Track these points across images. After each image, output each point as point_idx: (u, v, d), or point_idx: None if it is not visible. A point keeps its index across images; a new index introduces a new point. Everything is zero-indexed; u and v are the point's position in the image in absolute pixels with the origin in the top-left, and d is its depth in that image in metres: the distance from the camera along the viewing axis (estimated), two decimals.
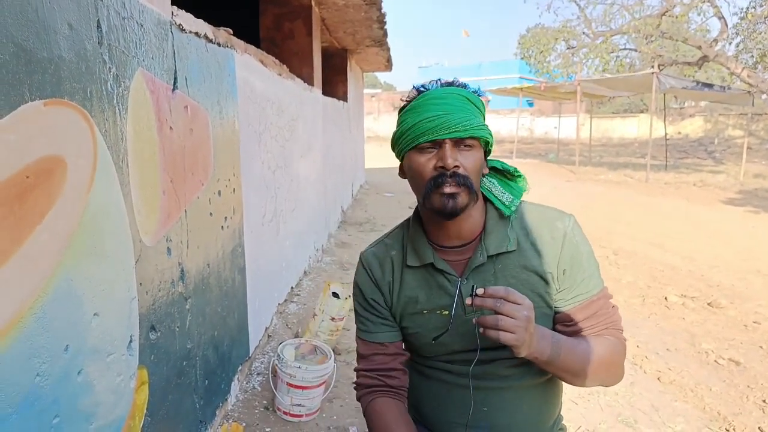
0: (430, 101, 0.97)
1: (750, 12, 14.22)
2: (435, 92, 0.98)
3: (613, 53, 18.42)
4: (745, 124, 15.80)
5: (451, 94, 0.97)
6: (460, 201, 0.95)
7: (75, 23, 1.08)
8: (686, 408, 2.41)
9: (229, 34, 2.28)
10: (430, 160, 0.97)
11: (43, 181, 0.98)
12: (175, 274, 1.66)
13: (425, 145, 0.96)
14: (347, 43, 6.88)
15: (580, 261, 1.03)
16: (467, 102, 0.98)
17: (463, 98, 0.98)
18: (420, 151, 0.98)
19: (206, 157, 1.96)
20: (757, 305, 3.75)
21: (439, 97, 0.97)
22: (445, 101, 0.96)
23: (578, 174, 13.08)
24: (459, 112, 0.95)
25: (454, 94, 0.97)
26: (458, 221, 1.01)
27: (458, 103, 0.97)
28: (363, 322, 1.14)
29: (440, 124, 0.94)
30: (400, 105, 1.05)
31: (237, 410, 2.29)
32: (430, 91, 1.00)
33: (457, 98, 0.97)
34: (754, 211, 7.74)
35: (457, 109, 0.96)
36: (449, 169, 0.94)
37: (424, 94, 0.99)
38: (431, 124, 0.94)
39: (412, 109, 1.00)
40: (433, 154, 0.97)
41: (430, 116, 0.95)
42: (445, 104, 0.96)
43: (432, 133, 0.94)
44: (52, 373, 1.01)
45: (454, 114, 0.95)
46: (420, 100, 0.99)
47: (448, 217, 0.98)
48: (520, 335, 0.86)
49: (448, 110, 0.95)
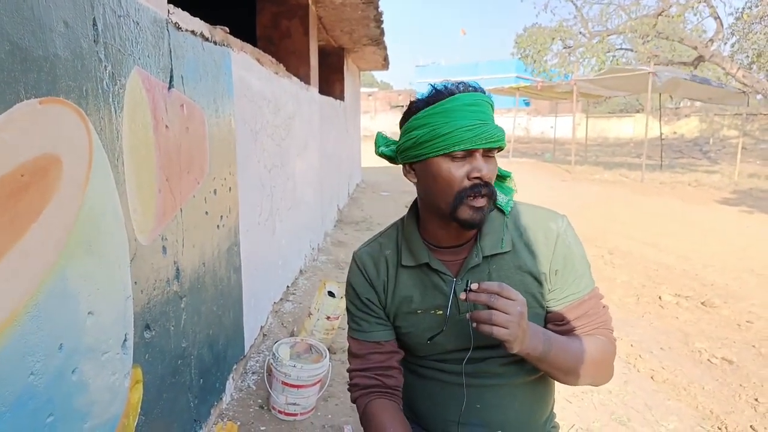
0: (465, 107, 0.94)
1: (746, 12, 14.29)
2: (465, 97, 0.95)
3: (610, 53, 18.49)
4: (740, 124, 15.88)
5: (482, 102, 0.96)
6: (486, 213, 0.97)
7: (71, 21, 1.08)
8: (679, 406, 2.42)
9: (226, 32, 2.28)
10: (461, 168, 0.94)
11: (39, 180, 0.98)
12: (171, 273, 1.66)
13: (459, 153, 0.94)
14: (344, 42, 6.87)
15: (572, 261, 1.04)
16: (491, 108, 0.98)
17: (489, 105, 0.97)
18: (451, 158, 0.94)
19: (202, 155, 1.96)
20: (751, 304, 3.77)
21: (473, 104, 0.94)
22: (479, 108, 0.95)
23: (574, 174, 13.11)
24: (492, 122, 0.95)
25: (485, 102, 0.96)
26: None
27: (488, 111, 0.96)
28: (357, 321, 1.14)
29: (481, 133, 0.92)
30: (397, 104, 1.04)
31: (232, 409, 2.29)
32: (461, 95, 0.95)
33: (487, 105, 0.97)
34: (749, 210, 7.78)
35: (489, 118, 0.96)
36: (485, 180, 0.94)
37: (456, 97, 0.95)
38: (471, 133, 0.92)
39: (443, 112, 0.94)
40: (464, 162, 0.95)
41: (469, 124, 0.92)
42: (479, 112, 0.94)
43: (471, 141, 0.92)
44: (47, 371, 1.01)
45: (491, 123, 0.94)
46: (451, 104, 0.94)
47: (470, 228, 0.99)
48: (512, 330, 0.86)
49: (483, 119, 0.94)
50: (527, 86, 16.51)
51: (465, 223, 0.97)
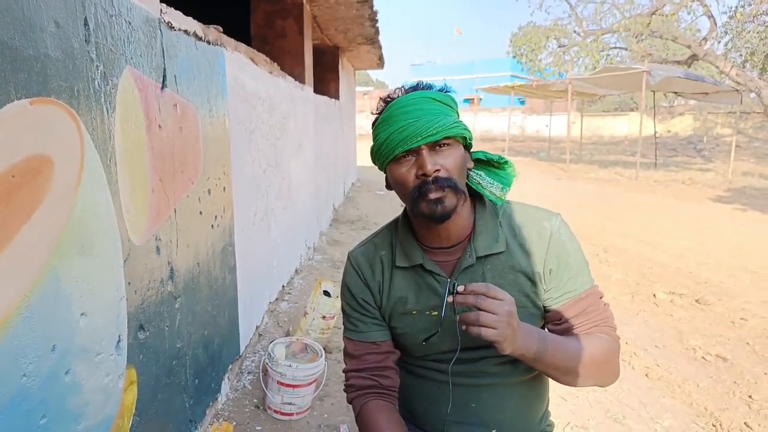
0: (399, 110, 0.96)
1: (739, 11, 14.35)
2: (401, 100, 0.98)
3: (604, 52, 18.54)
4: (733, 122, 15.96)
5: (417, 99, 0.97)
6: (447, 204, 0.95)
7: (62, 21, 1.07)
8: (674, 404, 2.43)
9: (219, 31, 2.27)
10: (410, 169, 0.96)
11: (30, 181, 0.98)
12: (165, 273, 1.65)
13: (402, 155, 0.96)
14: (339, 41, 6.86)
15: (566, 259, 1.03)
16: (435, 102, 0.97)
17: (430, 100, 0.97)
18: (399, 162, 0.98)
19: (196, 155, 1.95)
20: (745, 302, 3.79)
21: (406, 105, 0.96)
22: (414, 107, 0.96)
23: (569, 172, 13.15)
24: (428, 116, 0.95)
25: (419, 98, 0.97)
26: (447, 223, 1.01)
27: (427, 106, 0.96)
28: (353, 322, 1.13)
29: (412, 132, 0.93)
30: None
31: (227, 409, 2.28)
32: (398, 100, 0.99)
33: (425, 101, 0.96)
34: (742, 208, 7.82)
35: (427, 113, 0.95)
36: (430, 175, 0.94)
37: (391, 104, 0.99)
38: (403, 134, 0.94)
39: (383, 121, 0.99)
40: (412, 163, 0.96)
41: (401, 126, 0.94)
42: (413, 110, 0.95)
43: (405, 142, 0.94)
44: (40, 373, 1.01)
45: (424, 118, 0.94)
46: (389, 112, 0.98)
47: (439, 222, 0.98)
48: (501, 330, 0.85)
49: (417, 116, 0.95)
50: (522, 85, 16.54)
51: (429, 218, 0.97)
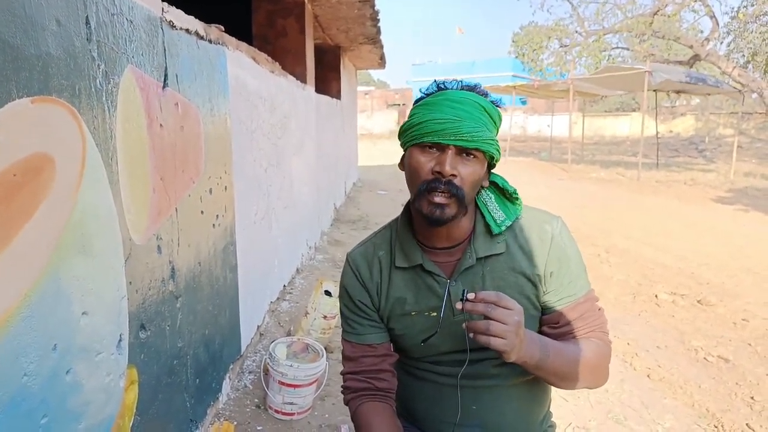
0: (446, 102, 0.94)
1: (741, 11, 14.33)
2: (453, 94, 0.95)
3: (606, 52, 18.52)
4: (735, 122, 15.93)
5: (468, 100, 0.94)
6: (447, 212, 0.94)
7: (63, 19, 1.07)
8: (675, 405, 2.43)
9: (221, 30, 2.27)
10: (429, 161, 0.94)
11: (31, 180, 0.97)
12: (166, 273, 1.65)
13: (429, 144, 0.94)
14: (340, 41, 6.86)
15: (567, 263, 1.03)
16: (483, 111, 0.95)
17: (479, 107, 0.94)
18: (422, 150, 0.95)
19: (197, 154, 1.95)
20: (746, 303, 3.78)
21: (456, 100, 0.94)
22: (461, 106, 0.93)
23: (571, 172, 13.13)
24: (471, 121, 0.92)
25: (471, 101, 0.94)
26: (448, 227, 1.01)
27: (473, 111, 0.94)
28: (350, 324, 1.13)
29: (449, 128, 0.91)
30: (393, 102, 1.04)
31: (228, 409, 2.28)
32: (449, 91, 0.96)
33: (474, 105, 0.94)
34: (744, 209, 7.81)
35: (471, 117, 0.93)
36: (445, 177, 0.92)
37: (443, 92, 0.96)
38: (440, 126, 0.92)
39: (426, 104, 0.96)
40: (433, 156, 0.94)
41: (441, 118, 0.92)
42: (460, 109, 0.93)
43: (439, 135, 0.92)
44: (41, 372, 1.01)
45: (466, 121, 0.92)
46: (436, 98, 0.96)
47: (434, 225, 0.98)
48: (510, 340, 0.85)
49: (461, 116, 0.92)
50: (524, 85, 16.52)
51: (425, 217, 0.96)
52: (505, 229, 1.04)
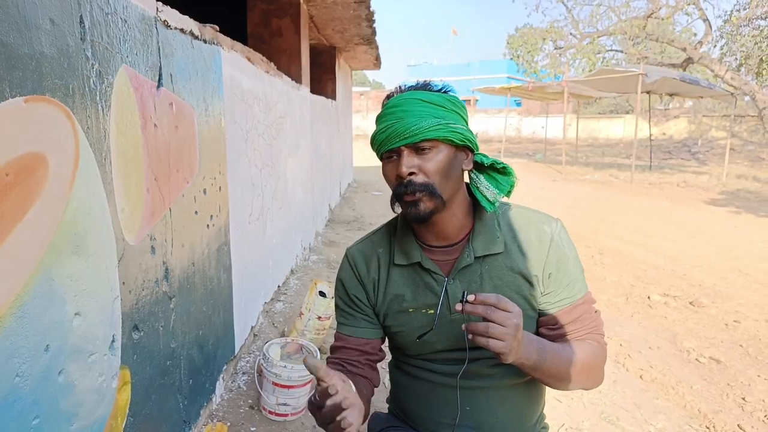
0: (388, 111, 0.98)
1: (734, 15, 14.44)
2: (392, 101, 0.99)
3: (600, 54, 18.62)
4: (728, 125, 16.05)
5: (407, 100, 0.96)
6: (422, 208, 0.95)
7: (57, 19, 1.06)
8: (667, 406, 2.44)
9: (216, 30, 2.26)
10: (393, 170, 0.98)
11: (24, 179, 0.97)
12: (159, 273, 1.64)
13: (387, 154, 0.98)
14: (336, 41, 6.86)
15: (566, 265, 1.04)
16: (423, 103, 0.96)
17: (417, 101, 0.96)
18: (385, 161, 1.00)
19: (192, 154, 1.94)
20: (738, 304, 3.81)
21: (395, 105, 0.97)
22: (400, 108, 0.96)
23: (565, 174, 13.19)
24: (410, 117, 0.94)
25: (409, 99, 0.96)
26: (439, 223, 1.02)
27: (412, 107, 0.95)
28: (342, 316, 1.15)
29: (390, 133, 0.95)
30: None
31: (222, 410, 2.28)
32: (391, 99, 1.00)
33: (413, 102, 0.96)
34: (736, 211, 7.87)
35: (410, 114, 0.94)
36: (404, 178, 0.95)
37: (387, 103, 1.00)
38: (385, 135, 0.96)
39: (377, 119, 1.01)
40: (395, 162, 0.98)
41: (385, 126, 0.96)
42: (398, 111, 0.96)
43: (386, 143, 0.96)
44: (33, 373, 1.00)
45: (405, 120, 0.94)
46: (382, 110, 1.00)
47: (418, 223, 1.00)
48: (508, 343, 0.85)
49: (400, 116, 0.95)
50: (518, 87, 16.57)
51: (409, 219, 1.00)
52: (503, 222, 1.05)
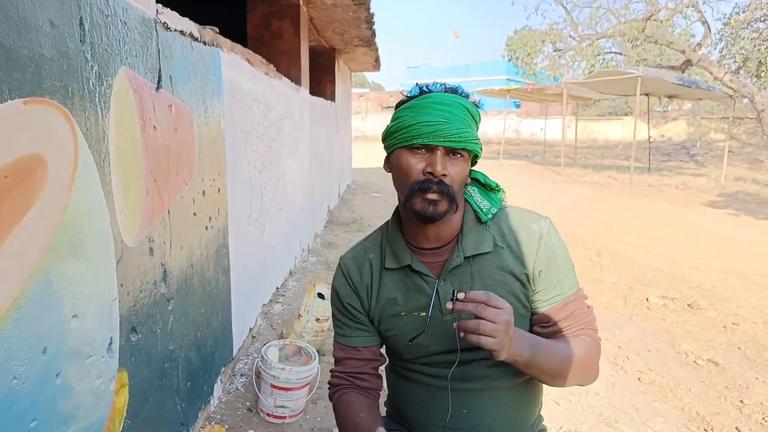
0: (432, 105, 0.96)
1: (733, 18, 14.47)
2: (438, 96, 0.98)
3: (599, 56, 18.65)
4: (726, 127, 16.08)
5: (453, 102, 0.97)
6: (440, 208, 0.96)
7: (57, 21, 1.06)
8: (666, 408, 2.44)
9: (215, 32, 2.26)
10: (420, 163, 0.97)
11: (23, 181, 0.97)
12: (158, 275, 1.64)
13: (418, 146, 0.97)
14: (335, 43, 6.86)
15: (556, 262, 1.04)
16: (467, 113, 0.98)
17: (464, 108, 0.97)
18: (411, 152, 0.98)
19: (191, 156, 1.94)
20: (737, 307, 3.82)
21: (442, 103, 0.96)
22: (447, 108, 0.96)
23: (564, 175, 13.20)
24: (458, 122, 0.95)
25: (456, 103, 0.97)
26: (437, 224, 1.02)
27: (459, 113, 0.96)
28: (339, 326, 1.16)
29: (439, 130, 0.94)
30: (388, 105, 1.05)
31: (219, 412, 2.27)
32: (434, 93, 0.99)
33: (459, 107, 0.97)
34: (735, 213, 7.88)
35: (457, 119, 0.96)
36: (437, 177, 0.95)
37: (428, 95, 0.99)
38: (429, 129, 0.94)
39: (412, 107, 0.98)
40: (423, 157, 0.97)
41: (430, 120, 0.95)
42: (446, 111, 0.96)
43: (428, 137, 0.94)
44: (30, 375, 1.00)
45: (454, 123, 0.95)
46: (422, 101, 0.98)
47: (426, 221, 1.00)
48: (500, 339, 0.86)
49: (448, 117, 0.95)
50: (518, 88, 16.60)
51: (418, 215, 0.98)
52: (492, 222, 1.07)
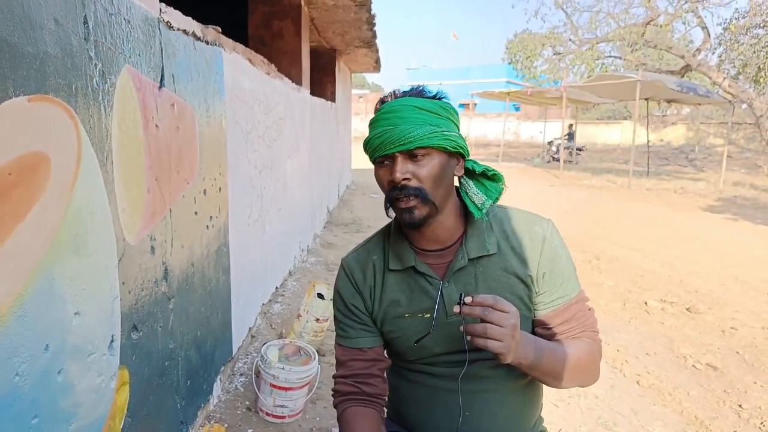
0: (382, 116, 0.98)
1: (733, 23, 14.51)
2: (386, 106, 0.99)
3: (599, 60, 18.67)
4: (725, 132, 16.11)
5: (402, 107, 0.97)
6: (417, 214, 0.97)
7: (61, 18, 1.06)
8: (664, 412, 2.45)
9: (218, 32, 2.26)
10: (386, 174, 0.99)
11: (26, 178, 0.97)
12: (159, 274, 1.64)
13: (381, 159, 0.99)
14: (336, 44, 6.87)
15: (559, 264, 1.05)
16: (418, 110, 0.96)
17: (413, 108, 0.96)
18: (379, 165, 1.01)
19: (192, 155, 1.94)
20: (735, 311, 3.82)
21: (389, 111, 0.97)
22: (395, 114, 0.96)
23: (562, 179, 13.22)
24: (405, 125, 0.95)
25: (404, 106, 0.97)
26: (432, 228, 1.02)
27: (407, 114, 0.96)
28: (342, 327, 1.14)
29: (386, 139, 0.95)
30: None
31: (219, 411, 2.27)
32: (385, 104, 1.00)
33: (408, 109, 0.96)
34: (733, 218, 7.89)
35: (405, 121, 0.95)
36: (398, 183, 0.96)
37: (380, 108, 1.01)
38: (378, 140, 0.96)
39: (370, 123, 1.01)
40: (389, 168, 0.98)
41: (379, 132, 0.97)
42: (393, 117, 0.96)
43: (381, 148, 0.96)
44: (32, 372, 1.00)
45: (400, 127, 0.95)
46: (376, 115, 1.00)
47: (412, 228, 1.01)
48: (506, 343, 0.86)
49: (396, 123, 0.95)
50: (517, 91, 16.62)
51: (403, 224, 1.01)
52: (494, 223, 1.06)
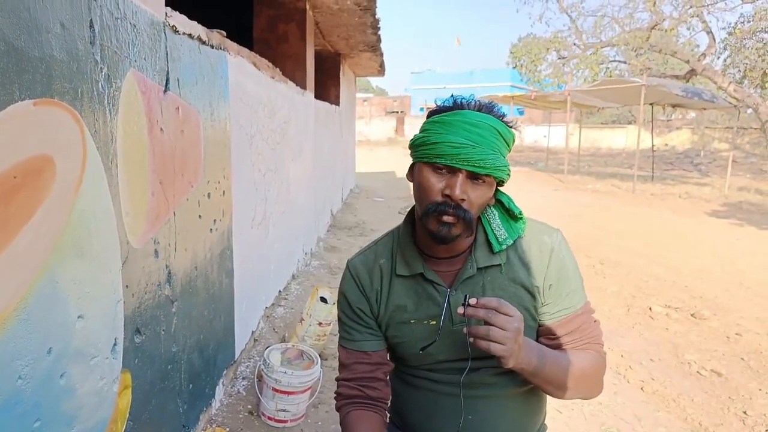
0: (461, 124, 0.93)
1: (738, 28, 14.48)
2: (470, 115, 0.94)
3: (603, 65, 18.65)
4: (730, 137, 16.06)
5: (484, 124, 0.93)
6: (454, 231, 0.95)
7: (67, 23, 1.07)
8: (668, 418, 2.43)
9: (223, 36, 2.27)
10: (440, 182, 0.94)
11: (31, 181, 0.97)
12: (162, 277, 1.64)
13: (440, 164, 0.94)
14: (341, 48, 6.88)
15: (566, 275, 1.04)
16: (497, 136, 0.94)
17: (495, 131, 0.94)
18: (432, 169, 0.95)
19: (196, 159, 1.95)
20: (740, 317, 3.80)
21: (472, 123, 0.93)
22: (477, 130, 0.92)
23: (567, 183, 13.18)
24: (485, 146, 0.92)
25: (487, 124, 0.93)
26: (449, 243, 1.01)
27: (488, 136, 0.93)
28: (347, 330, 1.13)
29: (463, 153, 0.91)
30: (391, 110, 1.04)
31: (221, 415, 2.27)
32: (466, 111, 0.95)
33: (489, 130, 0.93)
34: (738, 223, 7.85)
35: (485, 143, 0.92)
36: (455, 200, 0.93)
37: (459, 112, 0.95)
38: (454, 150, 0.91)
39: (441, 123, 0.95)
40: (444, 177, 0.94)
41: (457, 142, 0.91)
42: (476, 133, 0.92)
43: (451, 159, 0.92)
44: (35, 375, 1.00)
45: (481, 147, 0.91)
46: (452, 117, 0.94)
47: (439, 242, 0.98)
48: (509, 346, 0.86)
49: (476, 141, 0.92)
50: (521, 95, 16.60)
51: (431, 235, 0.97)
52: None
